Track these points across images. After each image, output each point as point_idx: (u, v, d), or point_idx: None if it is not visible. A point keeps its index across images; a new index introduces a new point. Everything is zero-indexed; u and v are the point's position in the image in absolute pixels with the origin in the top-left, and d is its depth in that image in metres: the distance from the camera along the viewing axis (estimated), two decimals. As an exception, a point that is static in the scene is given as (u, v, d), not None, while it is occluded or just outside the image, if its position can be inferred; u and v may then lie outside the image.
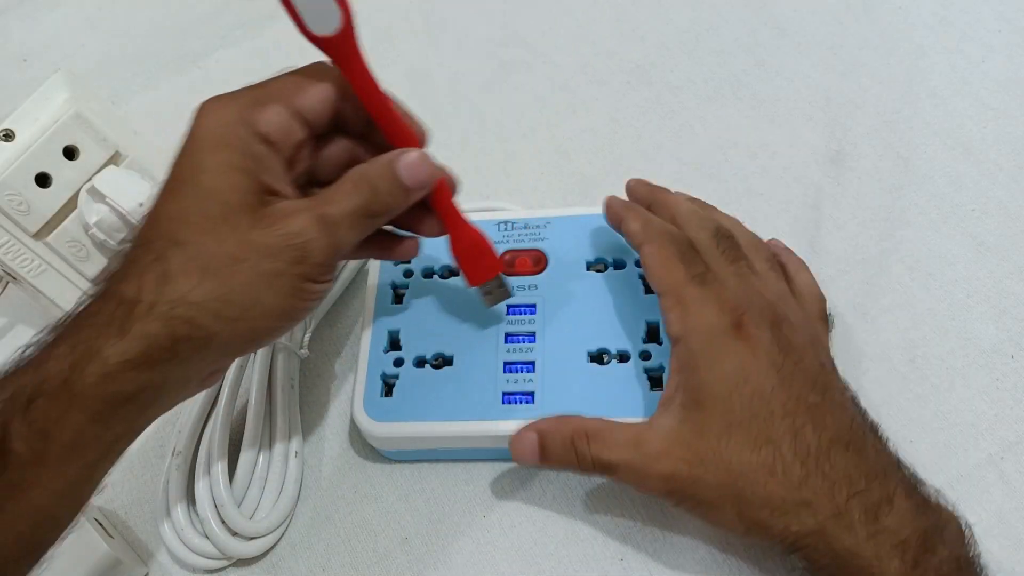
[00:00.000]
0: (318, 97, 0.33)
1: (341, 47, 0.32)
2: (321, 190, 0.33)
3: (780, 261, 0.40)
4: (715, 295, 0.35)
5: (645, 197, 0.41)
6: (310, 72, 0.33)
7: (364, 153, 0.35)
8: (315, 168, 0.35)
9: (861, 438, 0.33)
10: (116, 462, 0.31)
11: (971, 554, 0.32)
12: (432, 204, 0.36)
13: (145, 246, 0.30)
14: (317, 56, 0.33)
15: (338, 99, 0.33)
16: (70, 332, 0.29)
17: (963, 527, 0.32)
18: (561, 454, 0.35)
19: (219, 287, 0.29)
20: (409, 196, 0.34)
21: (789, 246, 0.44)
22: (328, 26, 0.31)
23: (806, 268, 0.41)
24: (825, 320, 0.39)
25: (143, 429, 0.32)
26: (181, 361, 0.30)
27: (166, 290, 0.29)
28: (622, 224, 0.39)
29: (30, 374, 0.29)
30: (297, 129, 0.33)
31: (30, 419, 0.28)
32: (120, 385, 0.29)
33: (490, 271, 0.39)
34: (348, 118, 0.34)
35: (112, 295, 0.29)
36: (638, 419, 0.36)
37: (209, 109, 0.32)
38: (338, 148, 0.35)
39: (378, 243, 0.37)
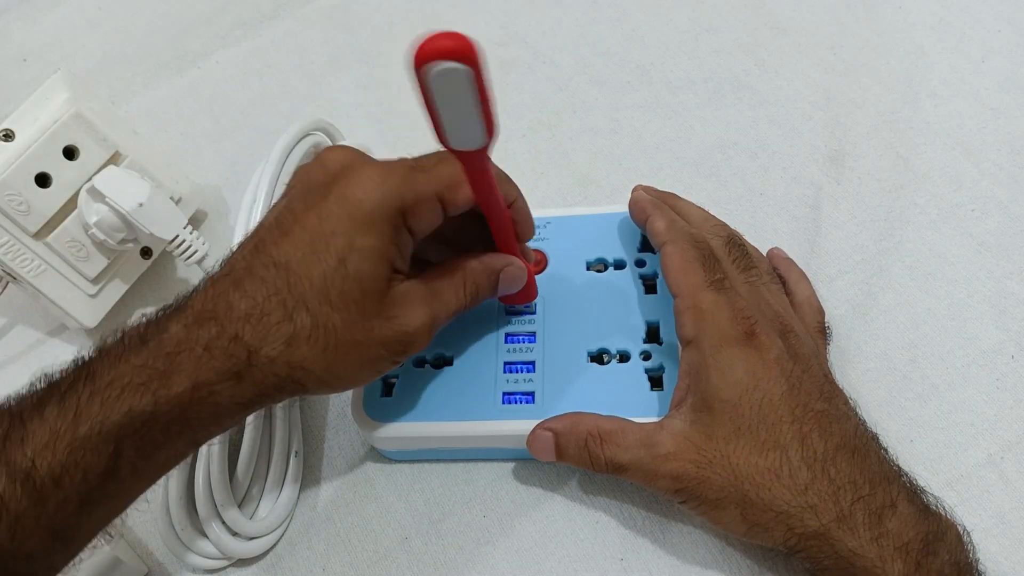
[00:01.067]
0: (467, 198, 0.33)
1: (475, 160, 0.31)
2: (432, 276, 0.34)
3: (781, 272, 0.41)
4: (729, 302, 0.35)
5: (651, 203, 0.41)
6: (461, 169, 0.33)
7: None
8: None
9: (865, 445, 0.34)
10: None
11: (970, 559, 0.32)
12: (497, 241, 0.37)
13: (276, 297, 0.31)
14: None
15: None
16: (187, 362, 0.30)
17: (962, 533, 0.33)
18: (575, 455, 0.36)
19: (334, 361, 0.32)
20: (492, 297, 0.37)
21: (789, 246, 0.44)
22: (470, 144, 0.29)
23: (806, 279, 0.42)
24: (824, 333, 0.40)
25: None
26: (271, 401, 0.33)
27: (288, 352, 0.31)
28: (647, 221, 0.39)
29: (147, 398, 0.29)
30: (440, 223, 0.34)
31: (139, 443, 0.29)
32: (224, 421, 0.32)
33: (530, 298, 0.41)
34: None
35: (235, 337, 0.30)
36: (639, 419, 0.36)
37: (369, 182, 0.32)
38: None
39: None
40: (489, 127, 0.28)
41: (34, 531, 0.28)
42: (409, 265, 0.34)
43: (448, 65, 0.25)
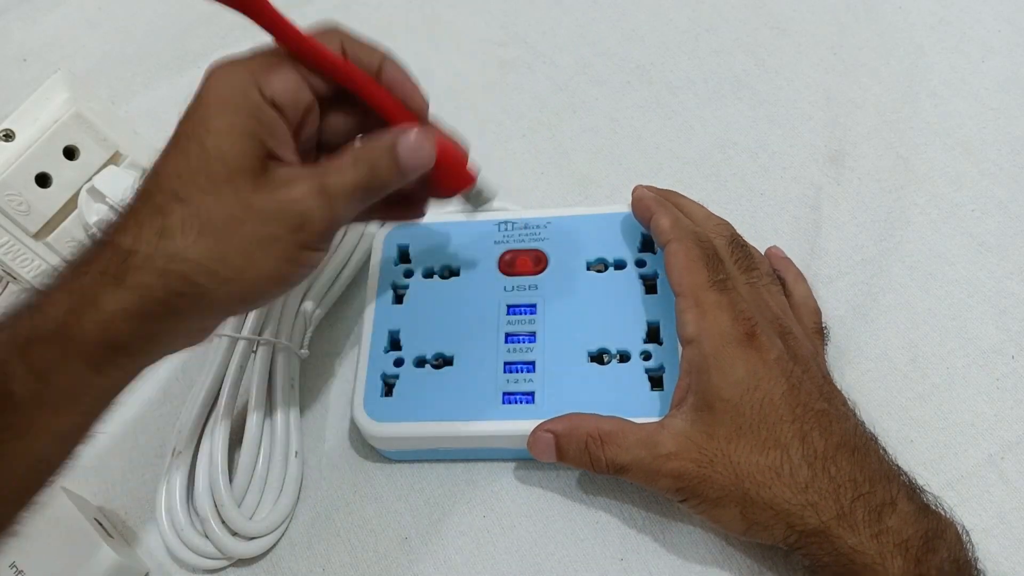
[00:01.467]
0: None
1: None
2: (325, 159, 0.33)
3: (779, 271, 0.41)
4: (731, 303, 0.35)
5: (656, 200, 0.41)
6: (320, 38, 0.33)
7: (370, 122, 0.35)
8: (322, 134, 0.35)
9: (865, 444, 0.34)
10: (108, 410, 0.32)
11: (969, 557, 0.33)
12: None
13: (145, 199, 0.30)
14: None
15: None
16: (68, 279, 0.30)
17: (961, 532, 0.33)
18: (575, 456, 0.36)
19: (216, 246, 0.30)
20: (406, 176, 0.33)
21: (789, 246, 0.44)
22: None
23: (804, 280, 0.42)
24: (821, 333, 0.40)
25: (133, 379, 0.32)
26: (174, 315, 0.30)
27: (163, 244, 0.29)
28: (652, 219, 0.39)
29: (27, 317, 0.29)
30: (306, 94, 0.32)
31: (28, 361, 0.28)
32: (116, 334, 0.29)
33: (465, 183, 0.37)
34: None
35: (110, 244, 0.30)
36: (639, 419, 0.36)
37: (219, 72, 0.32)
38: (345, 115, 0.35)
39: (381, 208, 0.36)
40: None
41: None
42: (294, 153, 0.33)
43: None
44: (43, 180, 0.42)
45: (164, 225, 0.29)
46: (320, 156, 0.35)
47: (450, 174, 0.36)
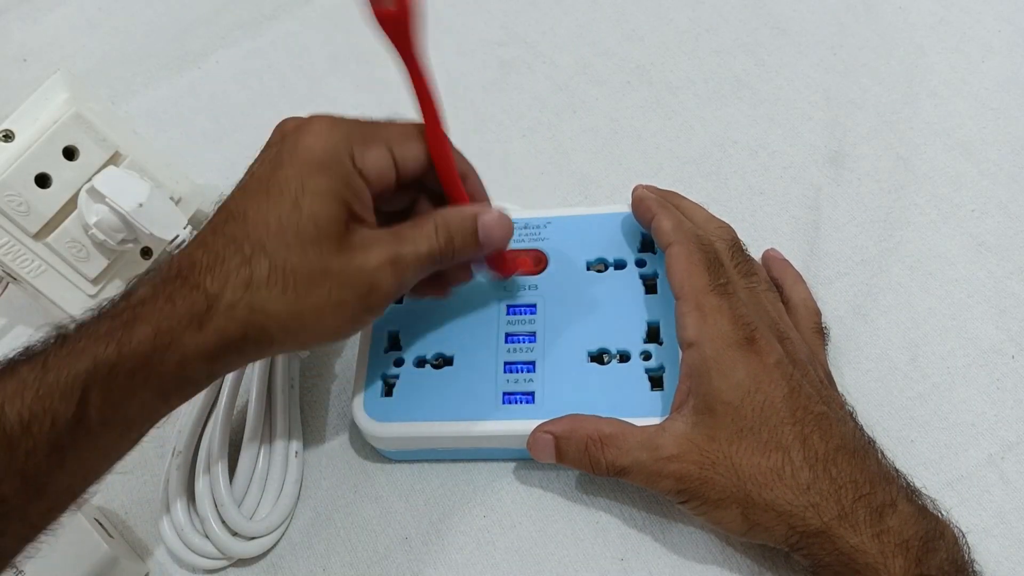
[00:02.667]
0: (418, 151, 0.35)
1: (400, 32, 0.31)
2: (400, 225, 0.34)
3: (777, 273, 0.42)
4: (731, 307, 0.35)
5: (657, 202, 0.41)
6: (414, 126, 0.35)
7: (428, 204, 0.38)
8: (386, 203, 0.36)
9: (864, 447, 0.34)
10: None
11: (967, 559, 0.33)
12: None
13: (234, 245, 0.31)
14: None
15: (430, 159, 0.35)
16: (151, 312, 0.31)
17: (958, 535, 0.33)
18: (575, 458, 0.36)
19: (295, 303, 0.31)
20: (480, 251, 0.36)
21: (789, 246, 0.44)
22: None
23: (802, 281, 0.42)
24: (821, 333, 0.40)
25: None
26: (239, 354, 0.33)
27: (248, 295, 0.31)
28: (653, 220, 0.39)
29: (112, 347, 0.30)
30: (392, 174, 0.34)
31: (105, 390, 0.30)
32: (191, 372, 0.32)
33: (511, 271, 0.41)
34: (432, 178, 0.36)
35: (196, 285, 0.31)
36: (639, 419, 0.36)
37: (319, 130, 0.33)
38: (410, 192, 0.37)
39: (431, 283, 0.38)
40: None
41: (4, 476, 0.28)
42: (373, 216, 0.34)
43: None
44: (43, 180, 0.42)
45: (251, 276, 0.31)
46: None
47: (505, 261, 0.40)
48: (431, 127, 0.34)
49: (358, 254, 0.32)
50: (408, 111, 0.35)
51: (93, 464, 0.32)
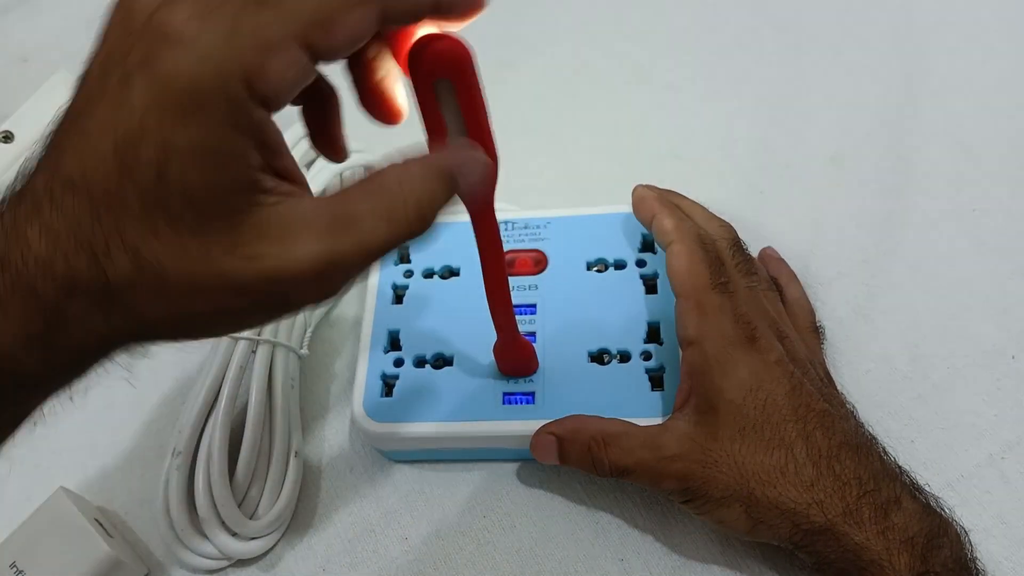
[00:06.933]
0: (349, 33, 0.22)
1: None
2: (340, 193, 0.23)
3: (771, 271, 0.42)
4: (732, 305, 0.35)
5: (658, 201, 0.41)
6: None
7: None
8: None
9: (867, 444, 0.34)
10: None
11: (969, 556, 0.33)
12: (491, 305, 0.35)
13: (80, 235, 0.21)
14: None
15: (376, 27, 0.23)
16: None
17: (961, 532, 0.33)
18: (578, 459, 0.36)
19: (169, 313, 0.22)
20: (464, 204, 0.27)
21: (789, 246, 0.44)
22: None
23: (797, 280, 0.42)
24: (816, 332, 0.40)
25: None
26: (119, 353, 0.24)
27: (104, 307, 0.22)
28: (654, 219, 0.39)
29: None
30: (312, 76, 0.22)
31: None
32: (55, 387, 0.24)
33: (527, 370, 0.39)
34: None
35: (30, 292, 0.21)
36: (640, 420, 0.36)
37: (186, 37, 0.21)
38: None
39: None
40: None
41: None
42: (292, 163, 0.24)
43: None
44: (43, 180, 0.42)
45: (108, 286, 0.21)
46: None
47: (520, 362, 0.39)
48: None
49: (266, 249, 0.22)
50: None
51: None
